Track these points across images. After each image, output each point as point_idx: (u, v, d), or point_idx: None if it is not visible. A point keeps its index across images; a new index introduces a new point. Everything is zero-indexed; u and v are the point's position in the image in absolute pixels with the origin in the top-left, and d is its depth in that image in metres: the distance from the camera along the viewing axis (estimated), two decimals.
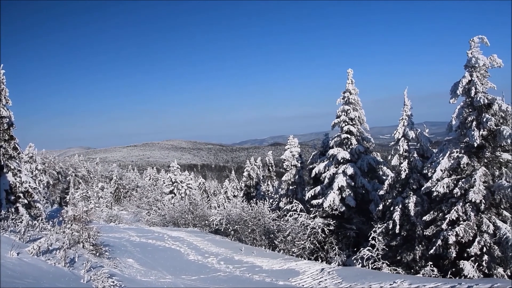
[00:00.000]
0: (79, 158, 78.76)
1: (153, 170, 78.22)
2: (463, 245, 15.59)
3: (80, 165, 74.26)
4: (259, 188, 48.88)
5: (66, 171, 68.40)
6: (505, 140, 15.00)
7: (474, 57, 15.90)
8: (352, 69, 24.12)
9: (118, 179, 67.65)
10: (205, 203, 35.49)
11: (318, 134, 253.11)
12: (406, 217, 18.63)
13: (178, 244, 21.10)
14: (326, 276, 14.42)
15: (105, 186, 63.64)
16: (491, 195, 15.50)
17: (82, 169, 72.60)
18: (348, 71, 24.14)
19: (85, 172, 72.50)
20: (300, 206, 22.77)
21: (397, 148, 19.77)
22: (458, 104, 16.54)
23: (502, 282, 10.28)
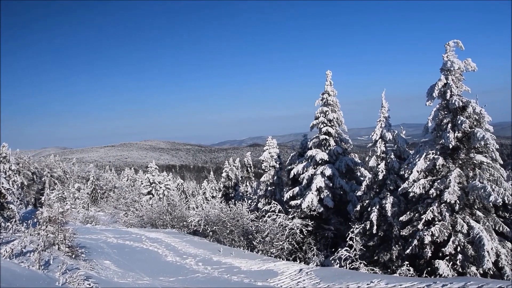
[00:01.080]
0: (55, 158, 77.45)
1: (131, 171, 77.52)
2: (438, 244, 15.87)
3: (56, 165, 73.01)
4: (238, 189, 48.83)
5: (41, 172, 67.17)
6: (478, 142, 15.33)
7: (449, 60, 16.21)
8: (331, 71, 24.28)
9: (95, 180, 66.73)
10: (184, 204, 35.28)
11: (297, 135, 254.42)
12: (383, 218, 18.86)
13: (156, 246, 20.94)
14: (304, 276, 14.50)
15: (81, 187, 62.66)
16: (465, 195, 15.82)
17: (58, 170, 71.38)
18: (327, 73, 24.29)
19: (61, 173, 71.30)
20: (279, 207, 22.83)
21: (374, 149, 19.99)
22: (434, 107, 16.83)
23: (475, 280, 10.51)
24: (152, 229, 29.74)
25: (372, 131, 20.32)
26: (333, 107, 24.13)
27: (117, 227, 33.61)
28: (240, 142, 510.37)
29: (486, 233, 15.07)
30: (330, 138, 23.89)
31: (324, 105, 24.10)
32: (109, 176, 76.46)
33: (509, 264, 15.27)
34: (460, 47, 16.26)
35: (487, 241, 14.70)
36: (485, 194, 14.82)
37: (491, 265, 14.71)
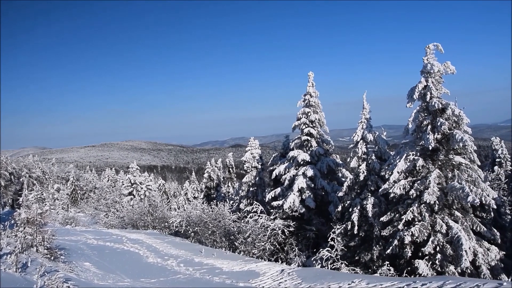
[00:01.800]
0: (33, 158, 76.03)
1: (112, 171, 76.62)
2: (418, 244, 16.07)
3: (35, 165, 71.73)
4: (220, 189, 48.68)
5: (19, 172, 65.95)
6: (457, 144, 15.58)
7: (429, 63, 16.45)
8: (313, 72, 24.42)
9: (75, 180, 65.83)
10: (165, 205, 35.09)
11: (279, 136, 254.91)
12: (364, 218, 19.02)
13: (137, 247, 20.76)
14: (286, 277, 14.54)
15: (61, 187, 61.70)
16: (444, 196, 16.06)
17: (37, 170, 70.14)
18: (309, 74, 24.41)
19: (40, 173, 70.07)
20: (261, 208, 22.85)
21: (356, 150, 20.14)
22: (415, 108, 17.05)
23: (453, 279, 10.69)
24: (133, 230, 29.48)
25: (353, 133, 20.47)
26: (315, 108, 24.24)
27: (97, 228, 33.20)
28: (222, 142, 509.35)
29: (464, 233, 15.33)
30: (312, 139, 23.99)
31: (306, 106, 24.20)
32: (90, 177, 75.50)
33: (486, 263, 15.58)
34: (440, 50, 16.52)
35: (465, 241, 14.94)
36: (463, 194, 15.08)
37: (468, 264, 14.97)
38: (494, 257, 15.84)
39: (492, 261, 15.76)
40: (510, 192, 27.55)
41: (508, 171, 33.83)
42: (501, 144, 37.50)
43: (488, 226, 16.74)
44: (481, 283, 9.83)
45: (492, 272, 15.72)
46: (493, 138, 39.14)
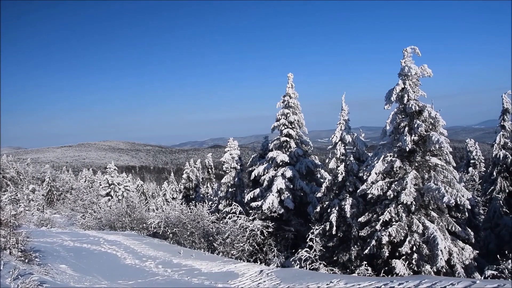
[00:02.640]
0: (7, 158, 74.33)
1: (89, 172, 75.56)
2: (395, 244, 16.29)
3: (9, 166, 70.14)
4: (199, 190, 48.54)
5: None
6: (433, 145, 15.86)
7: (407, 66, 16.71)
8: (292, 74, 24.51)
9: (51, 181, 64.67)
10: (143, 206, 34.74)
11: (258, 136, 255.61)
12: (343, 219, 19.18)
13: (114, 248, 20.51)
14: (265, 277, 14.56)
15: (36, 188, 60.57)
16: (421, 197, 16.32)
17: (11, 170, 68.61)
18: (289, 75, 24.50)
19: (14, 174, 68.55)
20: (240, 209, 22.84)
21: (334, 151, 20.29)
22: (392, 110, 17.28)
23: (429, 278, 10.87)
24: (111, 231, 29.11)
25: (332, 134, 20.62)
26: (294, 109, 24.35)
27: (74, 230, 32.68)
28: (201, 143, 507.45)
29: (440, 233, 15.60)
30: (291, 140, 24.09)
31: (285, 107, 24.29)
32: (66, 177, 74.29)
33: (460, 262, 15.90)
34: (417, 53, 16.79)
35: (440, 241, 15.22)
36: (439, 195, 15.35)
37: (444, 263, 15.26)
38: (468, 256, 16.18)
39: (466, 260, 16.10)
40: (484, 192, 28.14)
41: (482, 172, 34.55)
42: (475, 146, 38.25)
43: (463, 226, 17.09)
44: (455, 281, 10.02)
45: (466, 271, 16.05)
46: (468, 140, 39.89)
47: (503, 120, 26.23)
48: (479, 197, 27.98)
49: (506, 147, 26.13)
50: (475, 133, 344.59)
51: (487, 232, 22.71)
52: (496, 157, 26.25)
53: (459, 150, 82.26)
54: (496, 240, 22.12)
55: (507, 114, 26.04)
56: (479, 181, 31.17)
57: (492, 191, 26.23)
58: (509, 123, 26.06)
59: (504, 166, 26.08)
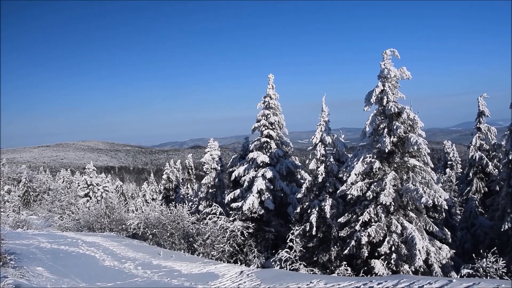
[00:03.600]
0: None
1: (67, 172, 74.37)
2: (374, 244, 16.47)
3: None
4: (179, 191, 48.26)
5: None
6: (412, 147, 16.10)
7: (386, 68, 16.92)
8: (273, 74, 24.57)
9: (27, 182, 63.49)
10: (123, 207, 34.34)
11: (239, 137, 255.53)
12: (323, 219, 19.31)
13: (93, 250, 20.25)
14: (245, 278, 14.56)
15: (12, 189, 59.41)
16: (399, 197, 16.54)
17: None
18: (269, 76, 24.55)
19: None
20: (220, 209, 22.80)
21: (314, 152, 20.40)
22: (372, 112, 17.49)
23: (407, 278, 11.02)
24: (89, 232, 28.74)
25: (312, 135, 20.73)
26: (274, 110, 24.42)
27: (51, 231, 32.15)
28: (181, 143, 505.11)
29: (418, 233, 15.85)
30: (271, 141, 24.15)
31: (266, 108, 24.34)
32: (43, 178, 73.08)
33: (438, 261, 16.17)
34: (396, 56, 17.04)
35: (418, 241, 15.44)
36: (417, 196, 15.58)
37: (422, 263, 15.49)
38: (445, 255, 16.45)
39: (443, 259, 16.37)
40: (460, 193, 28.65)
41: (458, 173, 35.12)
42: (452, 148, 38.86)
43: (440, 226, 17.38)
44: (433, 280, 10.19)
45: (443, 270, 16.31)
46: (445, 141, 40.45)
47: (479, 122, 26.74)
48: (456, 197, 28.44)
49: (482, 149, 26.64)
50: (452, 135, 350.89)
51: (463, 232, 23.10)
52: (472, 159, 26.73)
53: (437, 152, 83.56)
54: (472, 240, 22.52)
55: (483, 116, 26.56)
56: (456, 182, 31.69)
57: (468, 192, 26.70)
58: (484, 125, 26.58)
59: (479, 168, 26.58)
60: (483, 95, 26.47)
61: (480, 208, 25.22)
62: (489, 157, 26.59)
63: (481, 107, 26.44)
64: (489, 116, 26.56)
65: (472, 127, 27.66)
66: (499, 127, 30.10)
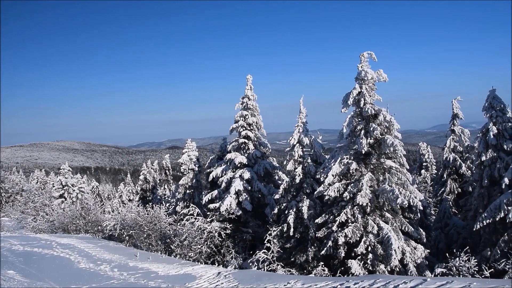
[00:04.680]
0: None
1: (42, 173, 73.01)
2: (351, 245, 16.63)
3: None
4: (156, 192, 47.87)
5: None
6: (388, 148, 16.32)
7: (363, 70, 17.11)
8: (251, 75, 24.59)
9: None
10: (99, 208, 33.85)
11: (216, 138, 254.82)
12: (300, 220, 19.40)
13: (67, 252, 19.89)
14: (222, 279, 14.52)
15: None
16: (376, 198, 16.74)
17: None
18: (248, 77, 24.57)
19: None
20: (197, 210, 22.68)
21: (292, 153, 20.48)
22: (349, 114, 17.65)
23: (383, 277, 11.16)
24: (64, 234, 28.22)
25: (290, 136, 20.81)
26: (252, 111, 24.44)
27: (24, 234, 31.48)
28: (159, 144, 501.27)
29: (394, 233, 16.07)
30: (249, 142, 24.16)
31: (244, 109, 24.34)
32: (16, 178, 71.33)
33: (413, 261, 16.42)
34: (373, 58, 17.25)
35: (394, 241, 15.66)
36: (393, 196, 15.80)
37: (397, 262, 15.73)
38: (420, 255, 16.72)
39: (418, 259, 16.64)
40: (435, 194, 29.21)
41: (433, 175, 35.76)
42: (427, 149, 39.53)
43: (415, 226, 17.66)
44: (408, 280, 10.35)
45: (418, 269, 16.58)
46: (420, 143, 41.11)
47: (453, 124, 27.33)
48: (430, 198, 28.98)
49: (455, 151, 27.23)
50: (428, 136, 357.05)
51: (437, 232, 23.55)
52: (446, 160, 27.29)
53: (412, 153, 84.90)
54: (446, 240, 22.98)
55: (457, 119, 27.15)
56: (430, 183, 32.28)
57: (442, 193, 27.27)
58: (458, 128, 27.17)
59: (453, 169, 27.16)
60: (457, 98, 27.05)
61: (453, 208, 25.79)
62: (462, 159, 27.19)
63: (455, 110, 27.01)
64: (463, 119, 27.18)
65: (446, 129, 28.25)
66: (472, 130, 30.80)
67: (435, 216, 25.95)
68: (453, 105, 27.02)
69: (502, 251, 16.34)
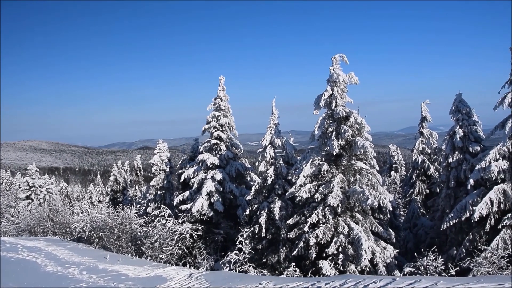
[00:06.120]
0: None
1: (7, 173, 70.97)
2: (322, 245, 16.78)
3: None
4: (127, 193, 47.27)
5: None
6: (359, 150, 16.56)
7: (335, 73, 17.30)
8: (224, 76, 24.56)
9: None
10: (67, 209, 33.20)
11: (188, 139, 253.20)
12: (272, 221, 19.46)
13: (34, 255, 19.40)
14: (194, 281, 14.43)
15: None
16: (346, 199, 16.94)
17: None
18: (220, 78, 24.53)
19: None
20: (169, 212, 22.48)
21: (264, 155, 20.54)
22: (321, 116, 17.82)
23: (354, 277, 11.30)
24: (31, 237, 27.53)
25: (262, 137, 20.87)
26: (225, 112, 24.41)
27: None
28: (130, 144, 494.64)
29: (364, 234, 16.29)
30: (221, 143, 24.11)
31: (216, 110, 24.29)
32: None
33: (382, 261, 16.68)
34: (345, 61, 17.46)
35: (365, 241, 15.88)
36: (363, 197, 16.02)
37: (367, 262, 15.94)
38: (389, 255, 17.00)
39: (387, 259, 16.91)
40: (404, 195, 29.77)
41: (402, 176, 36.44)
42: (397, 151, 40.21)
43: (385, 227, 17.96)
44: (377, 279, 10.51)
45: (388, 269, 16.86)
46: (390, 145, 41.76)
47: (422, 127, 27.92)
48: (400, 199, 29.52)
49: (424, 153, 27.82)
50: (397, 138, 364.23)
51: (406, 232, 23.99)
52: (415, 162, 27.86)
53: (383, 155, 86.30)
54: (414, 239, 23.44)
55: (425, 121, 27.76)
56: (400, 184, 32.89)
57: (411, 194, 27.82)
58: (427, 130, 27.78)
59: (422, 170, 27.76)
60: (425, 101, 27.65)
61: (422, 209, 26.33)
62: (430, 161, 27.81)
63: (423, 113, 27.60)
64: (431, 122, 27.81)
65: (415, 132, 28.84)
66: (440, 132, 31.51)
67: (404, 217, 26.45)
68: (422, 108, 27.61)
69: (467, 250, 16.76)
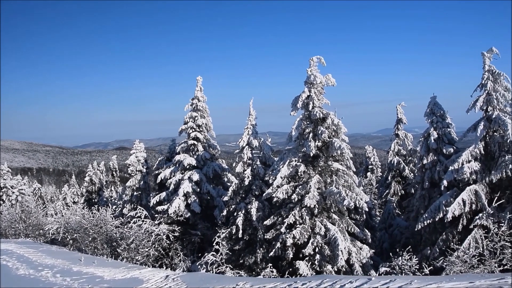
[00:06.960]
0: None
1: None
2: (299, 246, 16.86)
3: None
4: (102, 194, 46.64)
5: None
6: (336, 151, 16.70)
7: (312, 74, 17.42)
8: (201, 77, 24.47)
9: None
10: (41, 211, 32.62)
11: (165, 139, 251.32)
12: (249, 222, 19.46)
13: (5, 258, 18.99)
14: (170, 283, 14.34)
15: None
16: (323, 200, 17.06)
17: None
18: (198, 79, 24.42)
19: None
20: (145, 213, 22.28)
21: (241, 155, 20.54)
22: (298, 117, 17.92)
23: (330, 277, 11.40)
24: (1, 239, 26.94)
25: (240, 138, 20.88)
26: (202, 113, 24.31)
27: None
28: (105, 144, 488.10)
29: (341, 234, 16.43)
30: (198, 144, 24.00)
31: (193, 110, 24.17)
32: None
33: (359, 261, 16.86)
34: (322, 63, 17.62)
35: (341, 242, 16.02)
36: (340, 198, 16.15)
37: (344, 262, 16.10)
38: (365, 255, 17.19)
39: (363, 259, 17.09)
40: (380, 196, 30.16)
41: (378, 177, 36.89)
42: (373, 153, 40.69)
43: (361, 227, 18.16)
44: (353, 279, 10.64)
45: (364, 269, 17.03)
46: (366, 146, 42.22)
47: (397, 129, 28.37)
48: (375, 200, 29.86)
49: (399, 154, 28.26)
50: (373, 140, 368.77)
51: (382, 232, 24.29)
52: (390, 163, 28.27)
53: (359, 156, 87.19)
54: (390, 239, 23.75)
55: (401, 123, 28.21)
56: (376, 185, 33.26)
57: (387, 195, 28.21)
58: (402, 132, 28.23)
59: (397, 171, 28.18)
60: (401, 104, 28.09)
61: (397, 209, 26.70)
62: (405, 162, 28.25)
63: (399, 115, 28.04)
64: (406, 123, 28.27)
65: (391, 134, 29.26)
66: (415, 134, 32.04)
67: (380, 217, 26.77)
68: (398, 110, 28.04)
69: (440, 249, 17.05)
